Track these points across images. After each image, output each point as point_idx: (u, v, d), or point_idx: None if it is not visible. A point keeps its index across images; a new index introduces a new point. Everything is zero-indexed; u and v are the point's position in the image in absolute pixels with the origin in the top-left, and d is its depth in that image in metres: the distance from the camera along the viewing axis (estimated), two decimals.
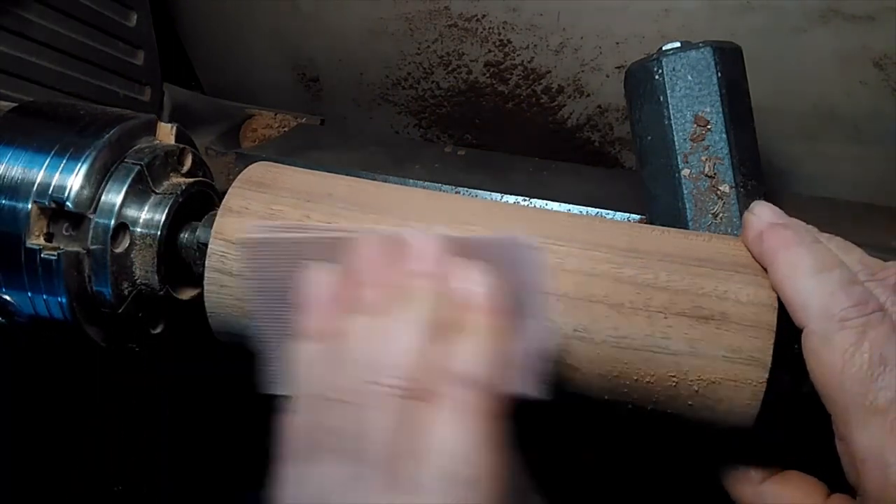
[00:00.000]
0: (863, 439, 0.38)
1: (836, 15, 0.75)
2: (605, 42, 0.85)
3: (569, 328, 0.44)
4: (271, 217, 0.49)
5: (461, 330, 0.37)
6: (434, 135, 1.04)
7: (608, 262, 0.46)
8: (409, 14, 0.91)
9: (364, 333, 0.37)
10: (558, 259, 0.46)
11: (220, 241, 0.49)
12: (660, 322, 0.44)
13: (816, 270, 0.41)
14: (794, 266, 0.42)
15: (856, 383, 0.38)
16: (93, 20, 0.81)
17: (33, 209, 0.50)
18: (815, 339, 0.40)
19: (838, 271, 0.41)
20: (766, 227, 0.44)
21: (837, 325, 0.39)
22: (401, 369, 0.35)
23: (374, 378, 0.35)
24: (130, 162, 0.53)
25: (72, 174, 0.51)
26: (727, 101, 0.59)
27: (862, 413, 0.38)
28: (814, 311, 0.40)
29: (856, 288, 0.41)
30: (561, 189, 0.75)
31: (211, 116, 0.96)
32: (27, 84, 0.73)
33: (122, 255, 0.53)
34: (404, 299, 0.37)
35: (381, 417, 0.34)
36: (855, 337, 0.39)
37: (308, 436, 0.35)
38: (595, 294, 0.45)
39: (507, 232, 0.42)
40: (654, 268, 0.46)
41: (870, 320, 0.39)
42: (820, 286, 0.41)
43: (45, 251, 0.50)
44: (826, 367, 0.39)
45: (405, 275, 0.38)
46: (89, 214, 0.51)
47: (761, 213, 0.45)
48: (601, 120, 0.93)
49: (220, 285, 0.49)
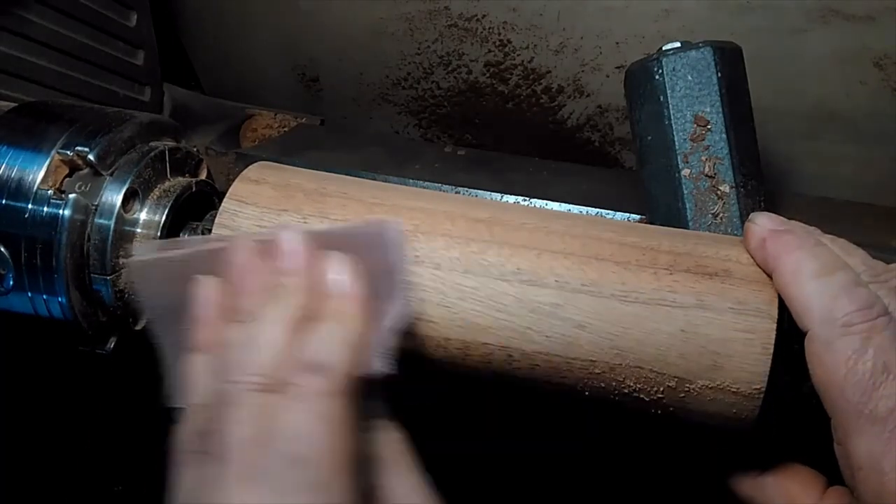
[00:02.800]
0: (861, 447, 0.38)
1: (835, 15, 0.75)
2: (605, 42, 0.85)
3: (576, 282, 0.45)
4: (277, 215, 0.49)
5: (320, 319, 0.39)
6: (434, 135, 1.04)
7: (612, 231, 0.48)
8: (409, 14, 0.91)
9: (237, 339, 0.39)
10: (564, 227, 0.48)
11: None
12: (666, 278, 0.45)
13: (819, 274, 0.41)
14: (796, 270, 0.42)
15: (857, 391, 0.38)
16: (93, 20, 0.81)
17: (54, 158, 0.51)
18: (818, 343, 0.40)
19: (841, 274, 0.41)
20: (767, 235, 0.44)
21: (841, 331, 0.39)
22: (261, 366, 0.37)
23: (239, 378, 0.37)
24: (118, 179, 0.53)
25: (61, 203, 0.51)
26: (727, 101, 0.59)
27: (862, 421, 0.38)
28: (817, 315, 0.40)
29: (859, 291, 0.40)
30: (561, 189, 0.75)
31: (211, 116, 0.96)
32: (27, 84, 0.73)
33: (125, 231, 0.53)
34: (271, 299, 0.40)
35: (239, 414, 0.36)
36: (858, 343, 0.39)
37: (189, 442, 0.37)
38: (601, 253, 0.46)
39: (371, 219, 0.45)
40: (656, 237, 0.48)
41: (874, 326, 0.39)
42: (823, 290, 0.40)
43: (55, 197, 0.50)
44: (828, 372, 0.39)
45: (273, 275, 0.40)
46: (106, 174, 0.52)
47: (761, 221, 0.45)
48: (601, 120, 0.93)
49: None
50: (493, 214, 0.49)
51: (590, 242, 0.47)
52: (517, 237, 0.47)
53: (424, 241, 0.47)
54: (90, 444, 0.89)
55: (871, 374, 0.38)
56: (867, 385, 0.38)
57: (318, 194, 0.50)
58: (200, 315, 0.41)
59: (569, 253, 0.46)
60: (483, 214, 0.49)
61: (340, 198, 0.50)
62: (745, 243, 0.46)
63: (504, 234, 0.47)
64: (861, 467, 0.38)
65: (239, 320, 0.40)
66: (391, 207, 0.49)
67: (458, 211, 0.49)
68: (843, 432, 0.39)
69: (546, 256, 0.46)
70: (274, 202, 0.49)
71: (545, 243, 0.47)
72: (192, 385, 0.39)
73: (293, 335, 0.38)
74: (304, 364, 0.37)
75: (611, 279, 0.45)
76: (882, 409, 0.37)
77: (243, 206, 0.49)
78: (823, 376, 0.39)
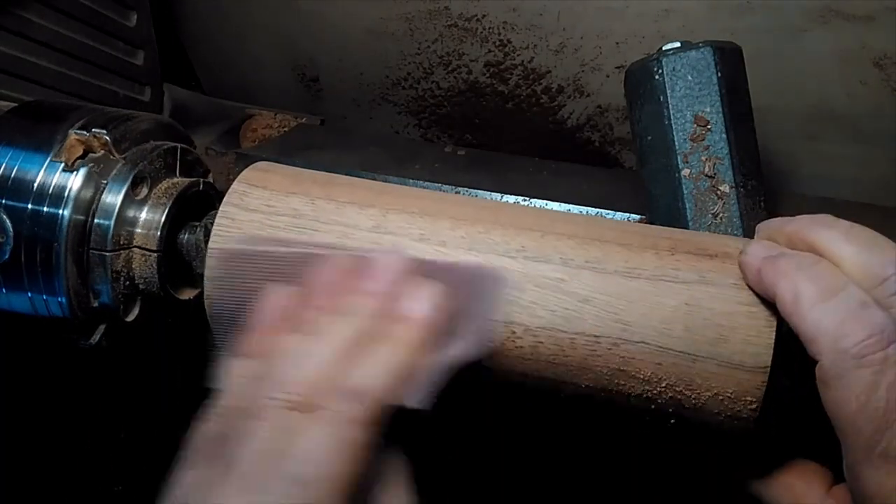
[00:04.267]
0: (871, 481, 0.37)
1: (835, 15, 0.75)
2: (605, 42, 0.85)
3: (581, 259, 0.46)
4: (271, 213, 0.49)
5: (380, 342, 0.38)
6: (434, 135, 1.04)
7: (614, 224, 0.50)
8: (409, 14, 0.91)
9: (288, 352, 0.38)
10: (567, 216, 0.50)
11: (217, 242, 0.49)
12: (668, 258, 0.46)
13: (820, 298, 0.38)
14: (795, 297, 0.39)
15: (869, 427, 0.36)
16: (93, 20, 0.81)
17: (70, 137, 0.52)
18: (829, 375, 0.37)
19: (844, 295, 0.38)
20: (761, 264, 0.42)
21: (852, 364, 0.36)
22: (299, 385, 0.36)
23: (274, 393, 0.36)
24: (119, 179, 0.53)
25: (72, 174, 0.51)
26: (727, 101, 0.59)
27: (873, 457, 0.36)
28: (825, 346, 0.37)
29: (868, 312, 0.37)
30: (561, 189, 0.75)
31: (211, 116, 0.96)
32: (27, 84, 0.73)
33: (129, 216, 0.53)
34: (340, 317, 0.39)
35: (261, 427, 0.35)
36: (871, 377, 0.36)
37: (205, 444, 0.36)
38: (604, 236, 0.47)
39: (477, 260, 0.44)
40: (656, 229, 0.50)
41: (886, 357, 0.36)
42: (826, 316, 0.37)
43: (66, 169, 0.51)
44: (840, 405, 0.37)
45: (354, 294, 0.40)
46: (119, 157, 0.53)
47: (753, 251, 0.43)
48: (601, 120, 0.93)
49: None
50: (498, 205, 0.51)
51: (592, 228, 0.48)
52: (522, 221, 0.48)
53: (431, 221, 0.48)
54: (90, 444, 0.89)
55: (884, 411, 0.36)
56: (880, 422, 0.36)
57: (327, 181, 0.51)
58: (260, 321, 0.40)
59: (573, 235, 0.47)
60: (489, 205, 0.51)
61: (348, 185, 0.51)
62: (744, 279, 0.44)
63: (509, 218, 0.48)
64: (872, 499, 0.37)
65: (299, 331, 0.39)
66: (397, 197, 0.50)
67: (465, 201, 0.51)
68: (855, 462, 0.38)
69: (550, 237, 0.47)
70: (283, 186, 0.50)
71: (549, 227, 0.48)
72: (230, 387, 0.38)
73: (343, 357, 0.37)
74: (343, 389, 0.36)
75: (614, 257, 0.46)
76: (895, 448, 0.36)
77: (253, 188, 0.50)
78: (834, 407, 0.38)
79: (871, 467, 0.37)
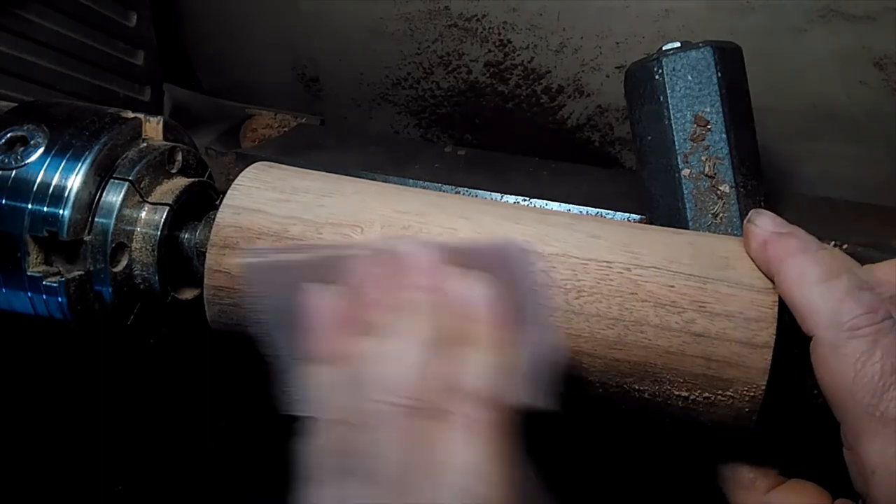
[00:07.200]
0: (873, 449, 0.38)
1: (835, 15, 0.75)
2: (605, 42, 0.85)
3: (582, 234, 0.47)
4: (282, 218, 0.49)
5: (465, 343, 0.37)
6: (434, 135, 1.04)
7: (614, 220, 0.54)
8: (409, 14, 0.91)
9: (372, 354, 0.37)
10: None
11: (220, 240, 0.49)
12: (668, 230, 0.49)
13: (824, 278, 0.41)
14: (801, 274, 0.41)
15: (867, 394, 0.38)
16: (93, 20, 0.81)
17: (28, 241, 0.50)
18: (825, 347, 0.39)
19: (846, 277, 0.40)
20: (769, 237, 0.44)
21: (847, 334, 0.39)
22: (407, 388, 0.35)
23: (383, 398, 0.35)
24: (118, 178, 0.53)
25: (72, 174, 0.51)
26: (727, 101, 0.59)
27: (873, 423, 0.37)
28: (823, 320, 0.40)
29: (865, 294, 0.40)
30: (561, 189, 0.75)
31: (211, 116, 0.96)
32: (27, 84, 0.73)
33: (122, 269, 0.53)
34: (406, 316, 0.38)
35: (392, 437, 0.34)
36: (866, 346, 0.38)
37: (327, 459, 0.36)
38: (601, 223, 0.50)
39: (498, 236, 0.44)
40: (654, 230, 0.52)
41: (881, 328, 0.38)
42: (828, 294, 0.40)
43: (48, 279, 0.50)
44: (836, 376, 0.39)
45: (404, 290, 0.39)
46: (85, 237, 0.51)
47: (762, 222, 0.45)
48: (601, 120, 0.93)
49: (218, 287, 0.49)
50: (498, 203, 0.53)
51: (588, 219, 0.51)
52: (525, 213, 0.50)
53: (437, 212, 0.49)
54: (90, 444, 0.89)
55: (880, 375, 0.37)
56: (877, 387, 0.37)
57: (327, 180, 0.52)
58: (317, 324, 0.39)
59: (573, 217, 0.50)
60: (490, 203, 0.53)
61: (349, 185, 0.52)
62: (744, 244, 0.46)
63: (513, 210, 0.50)
64: (874, 471, 0.38)
65: (369, 333, 0.38)
66: (398, 196, 0.50)
67: (465, 200, 0.52)
68: (854, 436, 0.39)
69: (549, 218, 0.49)
70: (283, 185, 0.51)
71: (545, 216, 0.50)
72: (319, 398, 0.37)
73: (437, 357, 0.36)
74: (461, 391, 0.35)
75: (617, 226, 0.49)
76: (893, 410, 0.37)
77: (253, 188, 0.50)
78: (831, 381, 0.39)
79: (873, 436, 0.38)
